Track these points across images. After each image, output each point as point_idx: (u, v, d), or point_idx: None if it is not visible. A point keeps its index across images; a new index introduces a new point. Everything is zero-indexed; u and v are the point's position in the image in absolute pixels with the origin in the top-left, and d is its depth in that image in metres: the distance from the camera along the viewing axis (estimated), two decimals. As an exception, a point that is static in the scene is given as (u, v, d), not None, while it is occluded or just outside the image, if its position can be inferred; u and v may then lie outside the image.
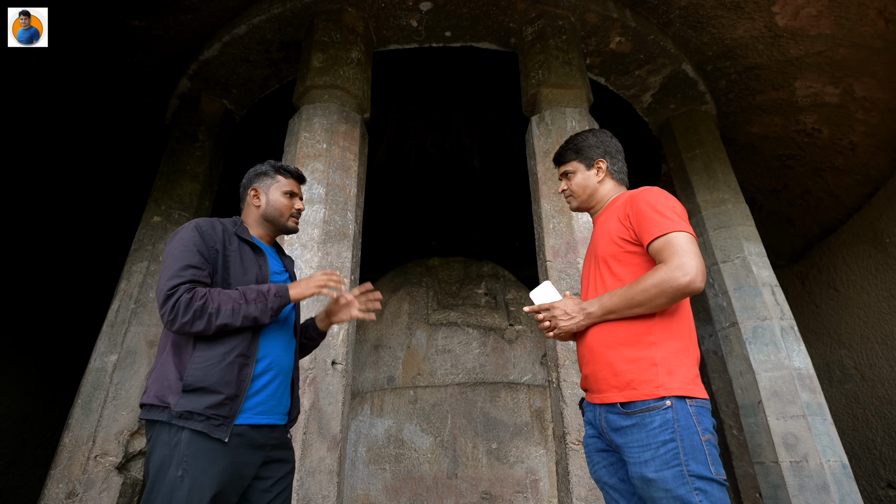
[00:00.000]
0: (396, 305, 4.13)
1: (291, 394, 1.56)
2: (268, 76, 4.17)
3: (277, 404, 1.46)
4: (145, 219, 3.85)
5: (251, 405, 1.37)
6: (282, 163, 1.71)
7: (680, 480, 1.18)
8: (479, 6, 3.62)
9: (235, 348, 1.36)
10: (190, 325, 1.30)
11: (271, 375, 1.45)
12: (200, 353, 1.33)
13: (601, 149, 1.62)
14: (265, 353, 1.45)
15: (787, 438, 3.25)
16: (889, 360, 4.87)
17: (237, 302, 1.35)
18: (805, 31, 3.81)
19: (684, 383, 1.26)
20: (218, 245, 1.44)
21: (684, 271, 1.24)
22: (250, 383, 1.37)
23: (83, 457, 3.00)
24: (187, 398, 1.27)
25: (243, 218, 1.65)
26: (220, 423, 1.28)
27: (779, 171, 5.26)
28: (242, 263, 1.47)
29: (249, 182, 1.67)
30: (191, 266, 1.36)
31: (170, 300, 1.30)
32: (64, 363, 6.01)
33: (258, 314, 1.37)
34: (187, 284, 1.33)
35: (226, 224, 1.53)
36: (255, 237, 1.61)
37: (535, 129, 3.30)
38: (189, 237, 1.41)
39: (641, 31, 3.76)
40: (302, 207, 1.69)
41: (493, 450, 3.25)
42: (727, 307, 3.80)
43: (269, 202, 1.62)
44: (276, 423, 1.45)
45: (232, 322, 1.33)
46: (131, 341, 3.35)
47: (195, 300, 1.31)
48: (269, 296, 1.39)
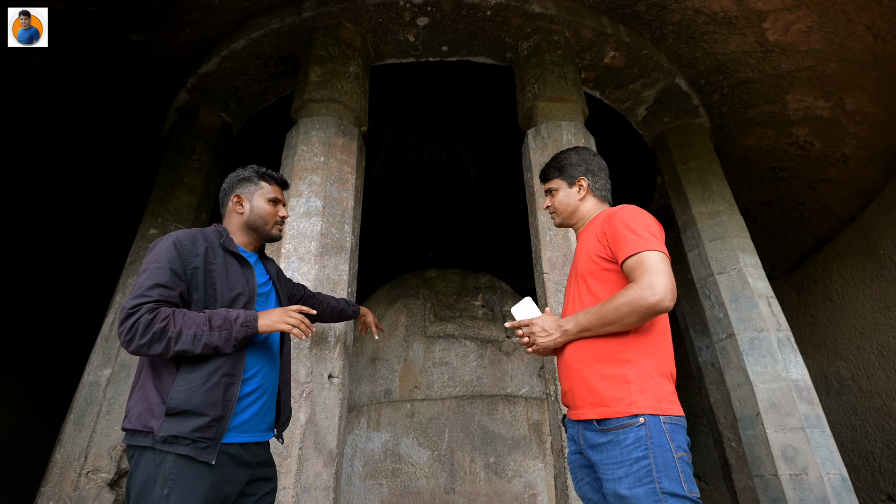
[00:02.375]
0: (393, 318, 4.12)
1: (277, 405, 1.54)
2: (266, 90, 4.20)
3: (261, 421, 1.44)
4: (141, 231, 3.84)
5: (237, 423, 1.35)
6: (265, 168, 1.66)
7: (652, 498, 1.19)
8: (475, 22, 3.67)
9: (220, 367, 1.31)
10: (147, 348, 1.24)
11: (259, 393, 1.42)
12: (184, 374, 1.28)
13: (583, 167, 1.65)
14: (254, 371, 1.42)
15: (785, 451, 3.23)
16: (886, 372, 4.88)
17: (200, 328, 1.28)
18: (795, 46, 3.88)
19: (656, 401, 1.28)
20: (198, 261, 1.38)
21: (653, 290, 1.25)
22: (237, 403, 1.33)
23: (74, 473, 2.95)
24: (171, 422, 1.22)
25: (225, 225, 1.59)
26: (206, 445, 1.24)
27: (773, 183, 5.31)
28: (228, 278, 1.42)
29: (231, 188, 1.61)
30: (159, 285, 1.30)
31: (129, 319, 1.24)
32: (57, 377, 5.94)
33: (220, 343, 1.29)
34: (150, 304, 1.27)
35: (209, 235, 1.47)
36: (240, 246, 1.57)
37: (531, 143, 3.33)
38: (164, 253, 1.35)
39: (635, 46, 3.82)
40: (286, 214, 1.65)
41: (491, 464, 3.21)
42: (724, 318, 3.81)
43: (253, 209, 1.57)
44: (261, 440, 1.43)
45: (192, 349, 1.27)
46: (125, 355, 3.32)
47: (156, 322, 1.24)
48: (236, 325, 1.32)
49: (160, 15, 3.67)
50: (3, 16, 3.12)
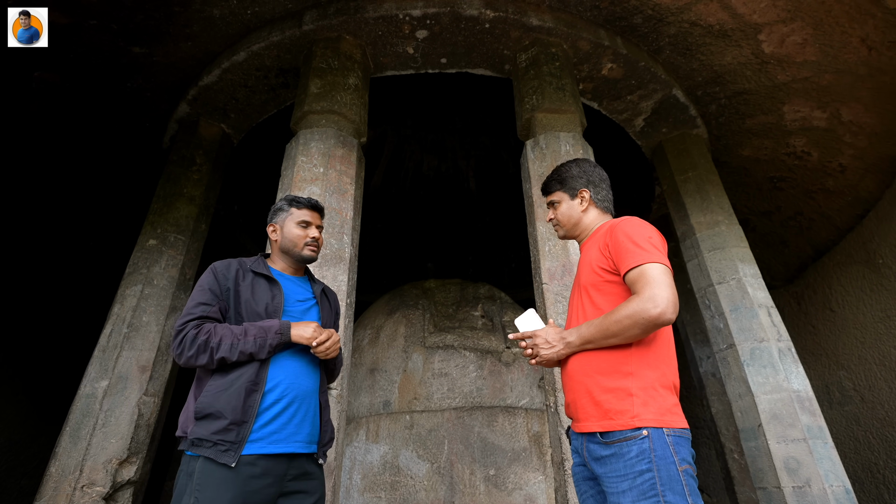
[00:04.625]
0: (392, 328, 4.10)
1: (320, 419, 1.56)
2: (266, 101, 4.23)
3: (296, 431, 1.45)
4: (140, 242, 3.84)
5: (264, 434, 1.38)
6: (295, 195, 1.78)
7: None
8: (473, 34, 3.71)
9: (243, 375, 1.42)
10: (195, 359, 1.41)
11: (286, 402, 1.45)
12: (213, 381, 1.42)
13: (584, 178, 1.66)
14: (277, 381, 1.47)
15: (788, 463, 3.20)
16: (888, 382, 4.85)
17: (237, 338, 1.43)
18: (791, 57, 3.92)
19: (660, 413, 1.27)
20: (230, 283, 1.56)
21: (655, 303, 1.25)
22: (260, 410, 1.40)
23: (69, 487, 2.91)
24: (198, 425, 1.35)
25: (270, 253, 1.76)
26: (226, 448, 1.31)
27: (771, 192, 5.33)
28: (254, 295, 1.56)
29: (269, 219, 1.78)
30: (201, 304, 1.49)
31: (179, 335, 1.43)
32: (53, 389, 5.90)
33: (254, 350, 1.43)
34: (196, 321, 1.45)
35: (244, 262, 1.65)
36: (278, 269, 1.70)
37: (529, 153, 3.35)
38: (205, 278, 1.56)
39: (632, 58, 3.86)
40: (317, 235, 1.72)
41: (491, 476, 3.18)
42: (724, 329, 3.79)
43: (285, 235, 1.71)
44: (297, 451, 1.44)
45: (229, 356, 1.41)
46: (123, 367, 3.30)
47: (200, 335, 1.42)
48: (270, 333, 1.46)
49: (162, 28, 3.71)
50: (3, 16, 3.12)
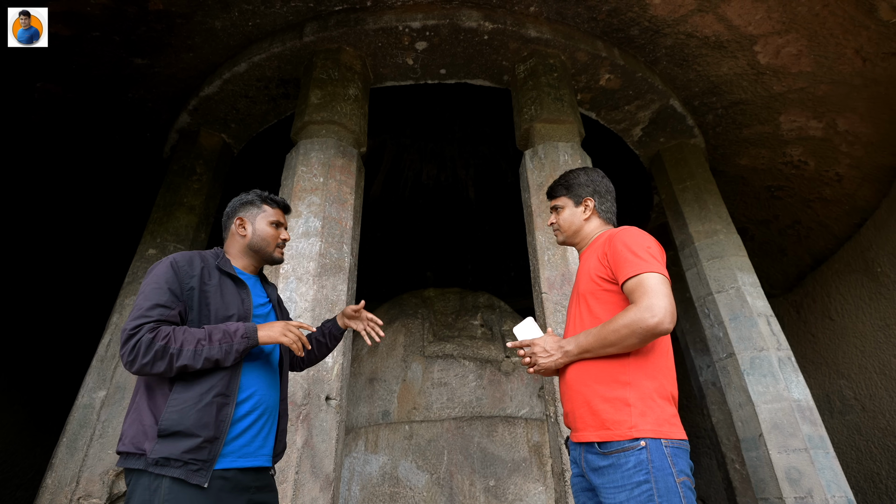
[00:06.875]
0: (392, 337, 4.09)
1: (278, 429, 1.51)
2: (266, 111, 4.26)
3: (262, 445, 1.41)
4: (140, 251, 3.84)
5: (234, 448, 1.32)
6: (267, 192, 1.69)
7: None
8: (472, 46, 3.75)
9: (213, 388, 1.30)
10: (150, 367, 1.25)
11: (256, 415, 1.39)
12: (177, 394, 1.27)
13: (591, 187, 1.67)
14: (251, 392, 1.40)
15: (790, 473, 3.18)
16: (889, 391, 4.84)
17: (200, 343, 1.29)
18: (786, 68, 3.96)
19: (658, 424, 1.27)
20: (194, 282, 1.40)
21: (653, 312, 1.26)
22: (231, 424, 1.32)
23: (65, 498, 2.88)
24: (163, 444, 1.21)
25: (226, 248, 1.63)
26: (198, 467, 1.22)
27: (768, 201, 5.35)
28: (223, 298, 1.43)
29: (234, 211, 1.64)
30: (159, 305, 1.32)
31: (130, 340, 1.25)
32: (50, 399, 5.86)
33: (220, 356, 1.30)
34: (151, 324, 1.28)
35: (206, 257, 1.50)
36: (239, 268, 1.59)
37: (528, 163, 3.37)
38: (162, 274, 1.37)
39: (630, 69, 3.90)
40: (287, 237, 1.68)
41: (491, 487, 3.15)
42: (723, 338, 3.79)
43: (256, 232, 1.60)
44: (262, 465, 1.40)
45: (192, 364, 1.27)
46: (121, 377, 3.28)
47: (157, 340, 1.25)
48: (236, 337, 1.33)
49: (164, 39, 3.75)
50: (3, 16, 3.12)
